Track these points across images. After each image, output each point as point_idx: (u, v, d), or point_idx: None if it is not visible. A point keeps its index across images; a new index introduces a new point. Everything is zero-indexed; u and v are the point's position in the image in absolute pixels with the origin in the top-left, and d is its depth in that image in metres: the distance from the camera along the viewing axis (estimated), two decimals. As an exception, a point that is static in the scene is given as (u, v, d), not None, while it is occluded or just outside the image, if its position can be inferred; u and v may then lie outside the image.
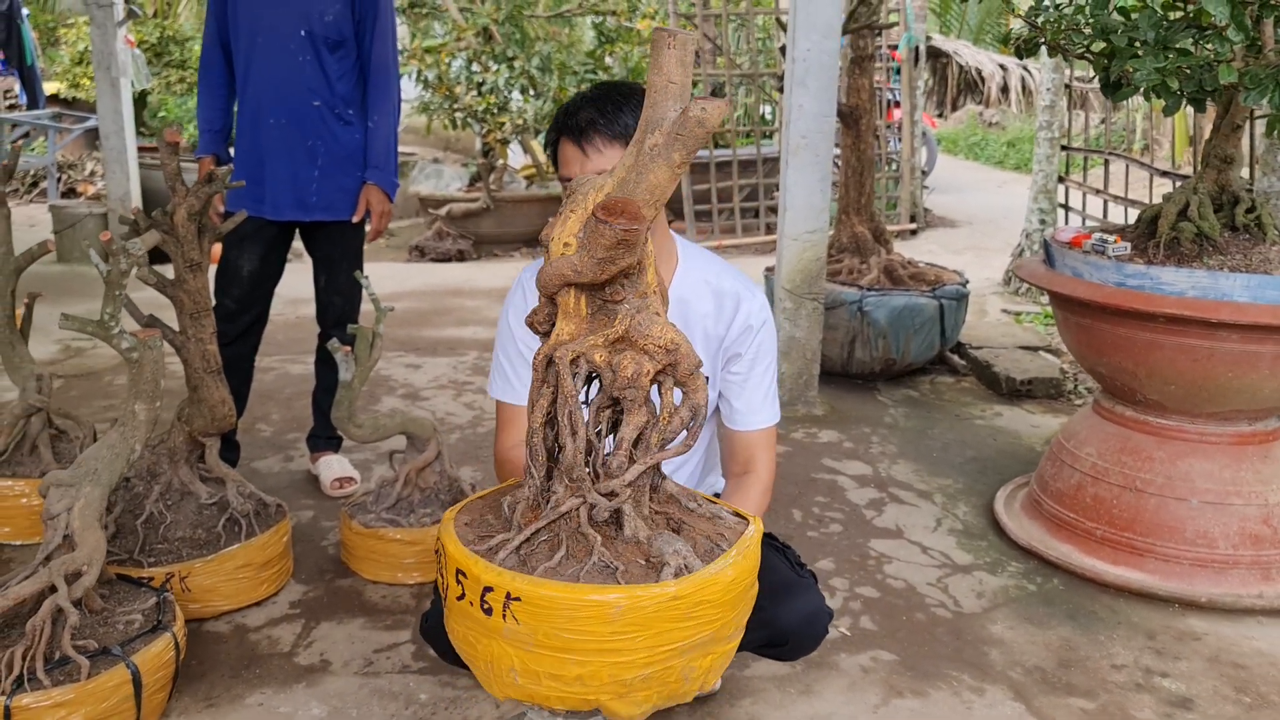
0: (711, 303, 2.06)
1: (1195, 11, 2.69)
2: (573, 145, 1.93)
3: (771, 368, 2.11)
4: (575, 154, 1.92)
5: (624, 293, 1.41)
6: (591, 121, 1.91)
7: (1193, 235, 2.81)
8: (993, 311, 6.03)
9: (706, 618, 1.39)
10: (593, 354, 1.41)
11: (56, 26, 11.87)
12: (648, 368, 1.40)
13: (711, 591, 1.38)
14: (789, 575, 2.03)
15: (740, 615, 1.49)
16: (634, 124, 1.90)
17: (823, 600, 2.07)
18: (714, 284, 2.07)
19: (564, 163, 1.96)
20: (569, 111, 1.95)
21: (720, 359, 2.09)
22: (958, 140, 16.57)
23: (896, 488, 3.55)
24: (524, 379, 2.05)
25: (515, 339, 2.07)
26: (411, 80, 8.72)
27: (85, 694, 1.92)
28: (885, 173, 8.69)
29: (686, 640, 1.39)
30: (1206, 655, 2.54)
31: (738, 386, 2.08)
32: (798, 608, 1.99)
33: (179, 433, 2.62)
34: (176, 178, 2.45)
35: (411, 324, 5.69)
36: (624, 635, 1.35)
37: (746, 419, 2.08)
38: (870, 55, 4.93)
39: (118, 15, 6.45)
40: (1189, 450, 2.88)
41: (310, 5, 3.09)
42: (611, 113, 1.91)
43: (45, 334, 4.96)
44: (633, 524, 1.43)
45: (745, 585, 1.46)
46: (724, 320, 2.06)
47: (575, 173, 1.92)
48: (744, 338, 2.07)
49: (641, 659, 1.37)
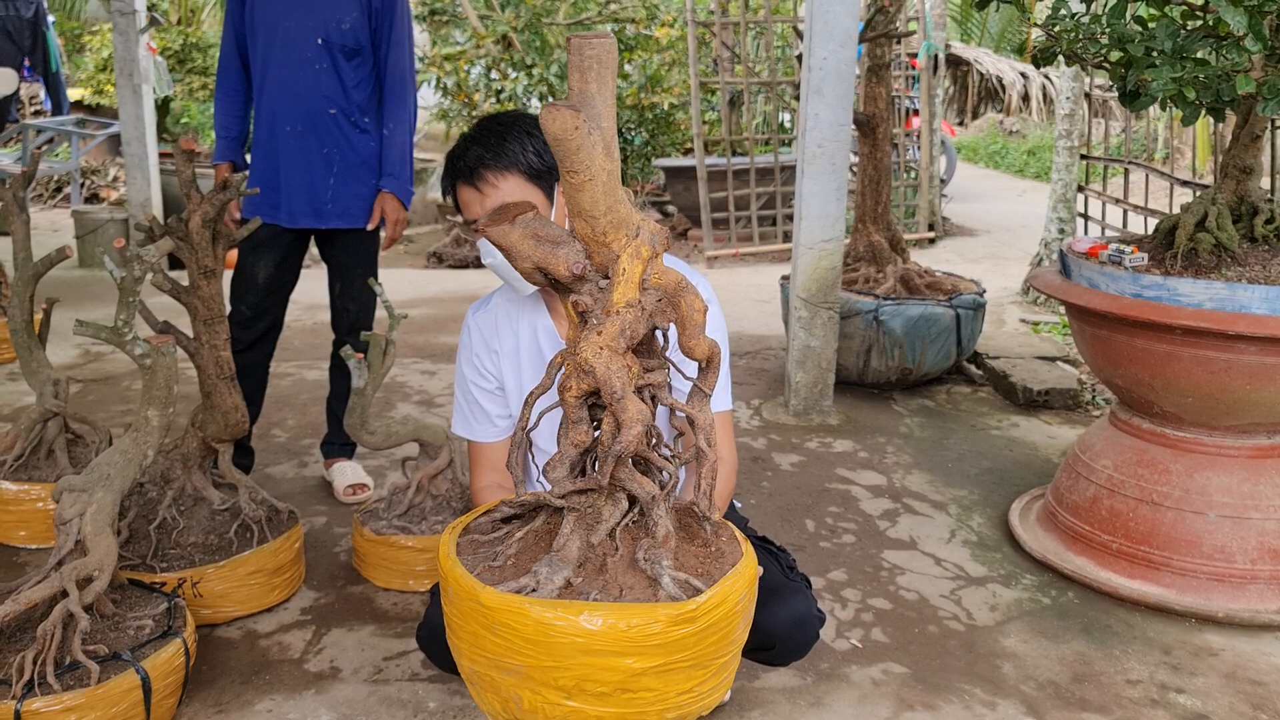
0: None
1: (1213, 21, 2.67)
2: (468, 188, 1.95)
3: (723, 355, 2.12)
4: (473, 195, 1.95)
5: (586, 304, 1.42)
6: (480, 159, 1.93)
7: (1211, 246, 2.79)
8: (1011, 321, 5.99)
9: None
10: (576, 359, 1.43)
11: (81, 34, 12.00)
12: (576, 386, 1.42)
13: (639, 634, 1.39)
14: (778, 579, 2.02)
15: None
16: (520, 150, 1.92)
17: (813, 605, 2.06)
18: None
19: (465, 206, 1.98)
20: (456, 155, 1.97)
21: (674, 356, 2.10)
22: (978, 149, 16.51)
23: (911, 498, 3.53)
24: (478, 418, 2.11)
25: (466, 379, 2.12)
26: (431, 87, 8.77)
27: (95, 699, 1.93)
28: (903, 181, 8.66)
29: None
30: (1223, 671, 2.51)
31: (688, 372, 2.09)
32: (785, 612, 1.98)
33: (192, 438, 2.63)
34: (191, 184, 2.47)
35: (428, 330, 5.70)
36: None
37: None
38: (887, 64, 4.92)
39: (140, 22, 6.51)
40: (1206, 463, 2.85)
41: (327, 13, 3.10)
42: (496, 145, 1.92)
43: (65, 339, 5.00)
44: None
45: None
46: None
47: (477, 213, 1.94)
48: None
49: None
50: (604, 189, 1.34)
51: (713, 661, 1.45)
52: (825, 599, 2.79)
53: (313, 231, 3.28)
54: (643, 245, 1.38)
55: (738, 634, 1.51)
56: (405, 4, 3.25)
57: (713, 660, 1.45)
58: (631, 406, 1.39)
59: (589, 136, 1.30)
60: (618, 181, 1.36)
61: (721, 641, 1.44)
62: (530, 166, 1.94)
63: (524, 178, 1.94)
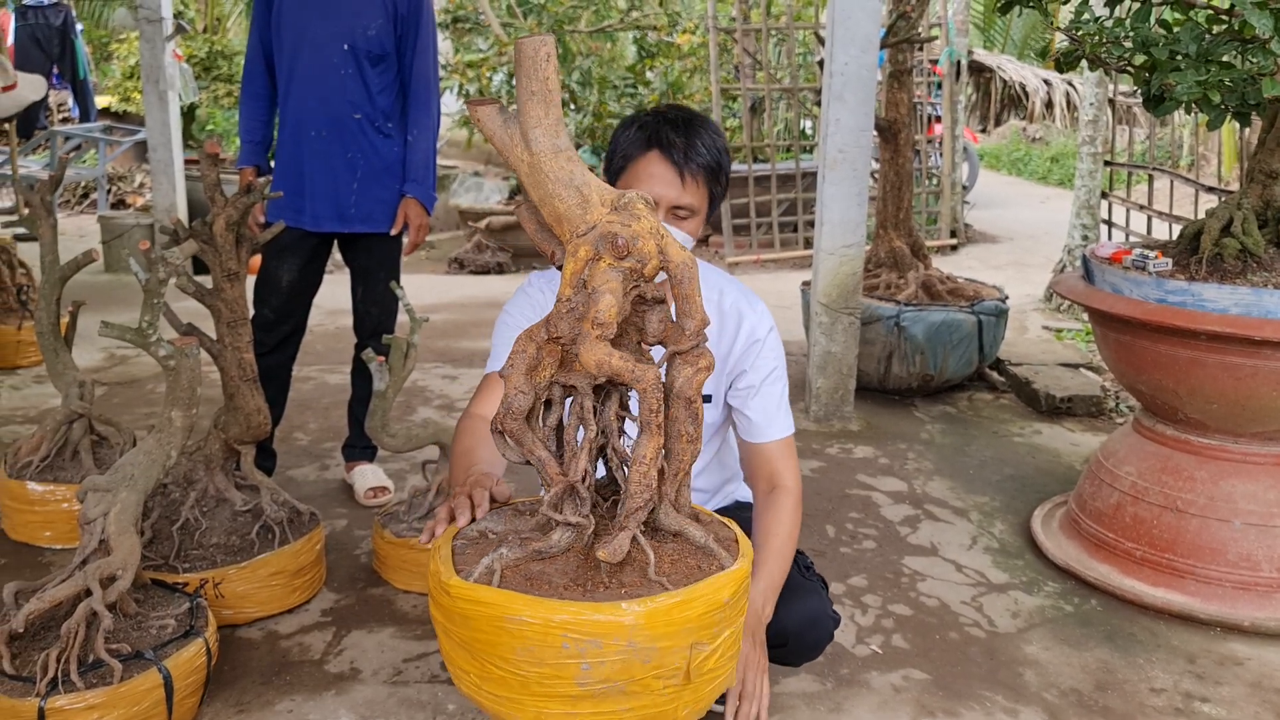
0: (715, 320, 2.06)
1: (1239, 24, 2.65)
2: (669, 165, 1.91)
3: (781, 378, 2.11)
4: (670, 176, 1.91)
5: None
6: (702, 156, 1.92)
7: (1236, 251, 2.76)
8: (1033, 328, 5.96)
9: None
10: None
11: (109, 42, 12.13)
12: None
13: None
14: (795, 577, 2.02)
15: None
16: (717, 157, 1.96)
17: (828, 606, 2.05)
18: (715, 301, 2.08)
19: (645, 177, 1.92)
20: (676, 131, 1.92)
21: (725, 378, 2.09)
22: (1000, 155, 16.42)
23: (932, 505, 3.51)
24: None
25: (508, 317, 2.07)
26: (454, 94, 8.80)
27: (117, 697, 1.94)
28: (925, 188, 8.63)
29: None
30: (1248, 681, 2.48)
31: (748, 398, 2.08)
32: (799, 610, 1.98)
33: (215, 440, 2.65)
34: (216, 188, 2.49)
35: (450, 335, 5.72)
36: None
37: (764, 430, 2.08)
38: (909, 69, 4.91)
39: (166, 30, 6.58)
40: (1232, 470, 2.82)
41: (353, 20, 3.13)
42: (712, 156, 1.96)
43: (91, 342, 5.05)
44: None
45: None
46: (726, 339, 2.07)
47: (658, 192, 1.90)
48: (749, 352, 2.07)
49: None
50: (530, 180, 1.38)
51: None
52: (845, 604, 2.78)
53: (336, 236, 3.31)
54: (582, 245, 1.38)
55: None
56: (430, 11, 3.27)
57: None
58: (511, 385, 1.40)
59: (507, 128, 1.38)
60: (549, 176, 1.37)
61: None
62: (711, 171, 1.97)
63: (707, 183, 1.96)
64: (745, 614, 1.52)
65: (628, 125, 1.98)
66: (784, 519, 2.00)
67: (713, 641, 1.40)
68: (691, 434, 1.44)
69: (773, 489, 2.06)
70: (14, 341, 4.77)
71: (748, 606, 1.79)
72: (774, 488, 2.06)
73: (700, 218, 1.98)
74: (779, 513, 2.01)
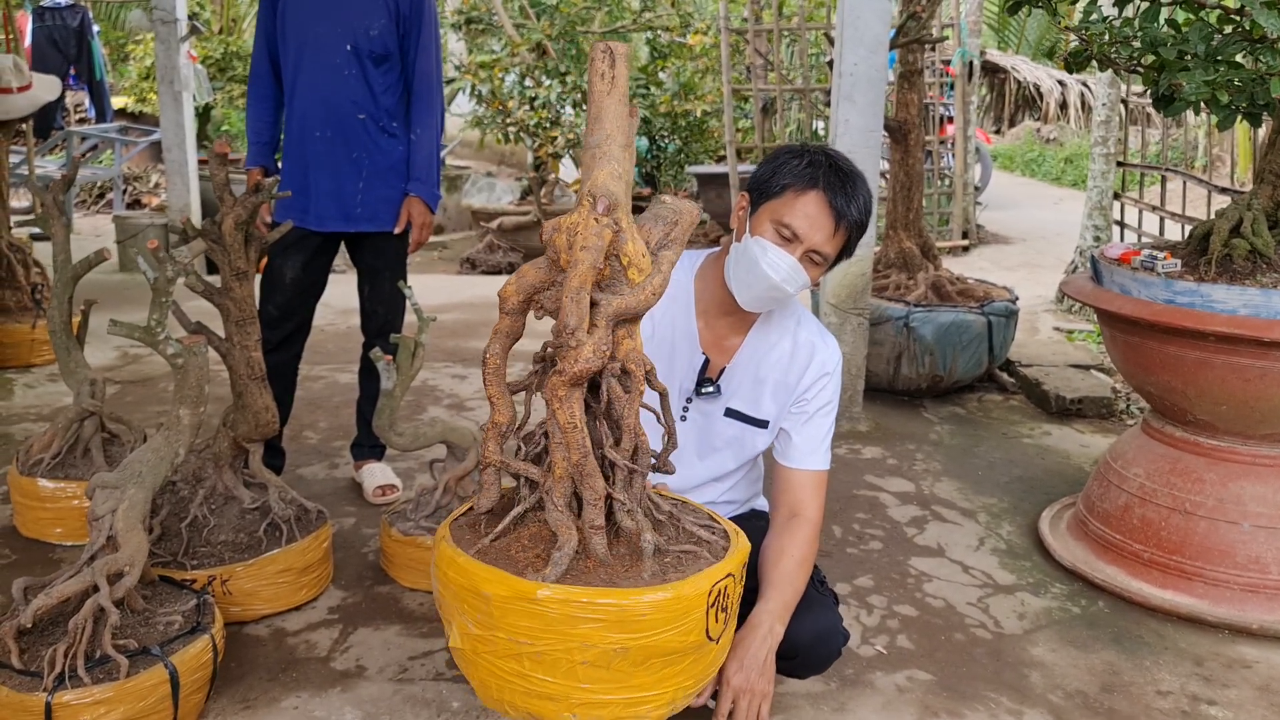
0: (788, 350, 2.11)
1: (1249, 24, 2.64)
2: (831, 213, 1.93)
3: (833, 413, 2.15)
4: (825, 217, 1.93)
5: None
6: (859, 217, 1.96)
7: (1246, 252, 2.75)
8: (1044, 329, 5.93)
9: None
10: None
11: (126, 43, 12.19)
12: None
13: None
14: (809, 591, 2.03)
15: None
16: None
17: (839, 621, 2.07)
18: (791, 331, 2.13)
19: (801, 215, 1.93)
20: (834, 176, 1.94)
21: (790, 405, 2.13)
22: (1014, 156, 16.36)
23: (939, 506, 3.50)
24: None
25: None
26: (466, 95, 8.82)
27: (124, 692, 1.96)
28: (938, 189, 8.61)
29: None
30: (1256, 684, 2.47)
31: (799, 423, 2.12)
32: (811, 623, 1.99)
33: (224, 438, 2.67)
34: (225, 188, 2.51)
35: (460, 335, 5.74)
36: None
37: (803, 458, 2.11)
38: (919, 70, 4.89)
39: (181, 31, 6.62)
40: (1241, 472, 2.81)
41: (356, 20, 3.15)
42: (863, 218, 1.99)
43: (103, 340, 5.08)
44: None
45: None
46: (797, 369, 2.11)
47: (803, 231, 1.92)
48: (816, 384, 2.12)
49: None
50: None
51: None
52: (851, 605, 2.78)
53: (342, 235, 3.32)
54: (529, 270, 1.69)
55: None
56: (433, 11, 3.28)
57: None
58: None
59: None
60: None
61: None
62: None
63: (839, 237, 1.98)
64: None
65: (797, 155, 1.98)
66: (799, 544, 2.02)
67: None
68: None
69: (794, 516, 2.07)
70: (28, 340, 4.81)
71: (753, 630, 1.87)
72: (795, 515, 2.08)
73: (826, 267, 2.01)
74: (795, 537, 2.03)
